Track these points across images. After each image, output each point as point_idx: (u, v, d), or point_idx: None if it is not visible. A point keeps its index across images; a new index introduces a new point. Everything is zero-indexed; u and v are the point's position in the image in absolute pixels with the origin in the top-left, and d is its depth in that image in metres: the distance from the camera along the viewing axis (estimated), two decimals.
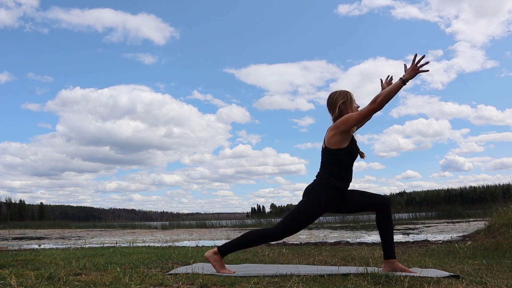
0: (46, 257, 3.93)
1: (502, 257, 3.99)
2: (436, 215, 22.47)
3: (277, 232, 2.67)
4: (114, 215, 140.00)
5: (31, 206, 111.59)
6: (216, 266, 2.70)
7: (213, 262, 2.72)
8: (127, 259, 3.64)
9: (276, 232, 2.68)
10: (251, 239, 2.75)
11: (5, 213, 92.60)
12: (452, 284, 2.18)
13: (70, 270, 2.83)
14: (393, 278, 2.29)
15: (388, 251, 2.64)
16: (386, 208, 2.65)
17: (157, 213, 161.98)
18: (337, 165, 2.65)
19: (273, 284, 2.24)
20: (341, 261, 3.65)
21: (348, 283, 2.22)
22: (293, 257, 4.03)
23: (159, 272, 2.78)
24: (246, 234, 2.78)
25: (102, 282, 2.31)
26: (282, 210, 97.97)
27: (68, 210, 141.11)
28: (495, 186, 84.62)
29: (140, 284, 2.25)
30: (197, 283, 2.28)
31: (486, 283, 2.26)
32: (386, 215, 2.65)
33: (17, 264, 3.33)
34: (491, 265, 3.32)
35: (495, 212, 7.02)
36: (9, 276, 2.45)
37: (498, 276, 2.66)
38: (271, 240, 2.72)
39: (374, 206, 2.68)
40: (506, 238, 5.21)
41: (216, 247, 2.78)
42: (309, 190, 2.70)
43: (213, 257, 2.73)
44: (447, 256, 4.28)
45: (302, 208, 2.66)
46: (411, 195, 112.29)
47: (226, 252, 2.76)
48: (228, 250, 2.76)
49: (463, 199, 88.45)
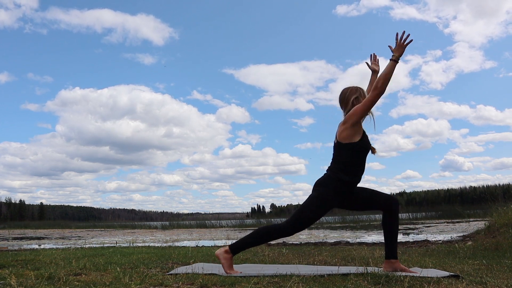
0: (46, 257, 3.93)
1: (502, 257, 3.98)
2: (436, 215, 22.48)
3: (287, 227, 2.67)
4: (114, 215, 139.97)
5: (31, 206, 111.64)
6: (225, 265, 2.68)
7: (223, 260, 2.70)
8: (127, 259, 3.64)
9: (286, 227, 2.67)
10: (262, 235, 2.74)
11: (5, 213, 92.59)
12: (452, 284, 2.18)
13: (70, 270, 2.83)
14: (393, 278, 2.29)
15: (390, 251, 2.63)
16: (393, 209, 2.65)
17: (157, 213, 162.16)
18: (348, 159, 2.66)
19: (273, 284, 2.24)
20: (341, 261, 3.65)
21: (348, 283, 2.22)
22: (293, 257, 4.03)
23: (159, 272, 2.78)
24: (256, 231, 2.77)
25: (102, 282, 2.31)
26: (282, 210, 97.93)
27: (68, 210, 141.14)
28: (495, 186, 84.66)
29: (140, 284, 2.25)
30: (197, 283, 2.28)
31: (486, 283, 2.26)
32: (393, 216, 2.64)
33: (17, 264, 3.33)
34: (491, 265, 3.31)
35: (495, 212, 7.01)
36: (9, 276, 2.45)
37: (498, 276, 2.66)
38: (281, 235, 2.72)
39: (381, 206, 2.68)
40: (506, 238, 5.21)
41: (228, 245, 2.76)
42: (319, 183, 2.70)
43: (223, 255, 2.71)
44: (447, 256, 4.28)
45: (311, 202, 2.66)
46: (411, 195, 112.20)
47: (237, 250, 2.74)
48: (239, 248, 2.75)
49: (463, 199, 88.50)
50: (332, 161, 2.74)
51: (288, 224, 2.68)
